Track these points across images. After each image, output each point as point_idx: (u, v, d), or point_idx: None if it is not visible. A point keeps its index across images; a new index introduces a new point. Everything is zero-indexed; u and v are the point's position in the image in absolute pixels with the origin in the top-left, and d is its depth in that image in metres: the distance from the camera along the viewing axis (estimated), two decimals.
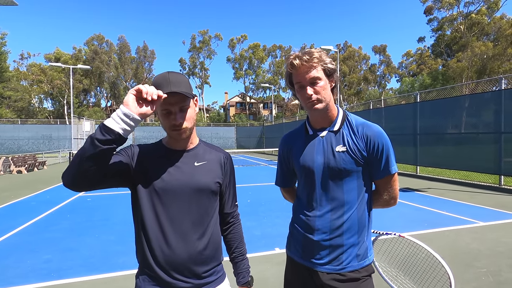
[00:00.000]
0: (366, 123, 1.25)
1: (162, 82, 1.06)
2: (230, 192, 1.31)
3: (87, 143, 0.92)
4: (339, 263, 1.21)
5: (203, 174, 1.18)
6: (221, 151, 1.31)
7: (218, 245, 1.22)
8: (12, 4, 10.62)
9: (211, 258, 1.18)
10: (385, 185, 1.27)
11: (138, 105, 0.96)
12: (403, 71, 51.06)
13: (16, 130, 29.20)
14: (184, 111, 1.11)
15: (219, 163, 1.25)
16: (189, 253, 1.11)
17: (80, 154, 0.93)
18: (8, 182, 10.85)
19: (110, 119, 0.94)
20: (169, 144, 1.21)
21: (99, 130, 0.92)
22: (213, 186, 1.19)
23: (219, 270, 1.22)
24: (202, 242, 1.14)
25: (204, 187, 1.17)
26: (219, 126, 39.54)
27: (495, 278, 3.07)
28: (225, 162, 1.27)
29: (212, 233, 1.19)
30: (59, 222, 5.45)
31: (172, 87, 1.05)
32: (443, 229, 4.78)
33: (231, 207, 1.32)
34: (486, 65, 30.81)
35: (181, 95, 1.06)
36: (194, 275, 1.13)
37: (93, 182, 0.98)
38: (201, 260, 1.14)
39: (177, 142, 1.19)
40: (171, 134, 1.15)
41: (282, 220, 5.29)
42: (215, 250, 1.20)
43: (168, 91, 1.03)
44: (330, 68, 1.20)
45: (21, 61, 46.77)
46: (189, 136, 1.19)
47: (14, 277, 3.25)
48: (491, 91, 9.37)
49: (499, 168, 8.41)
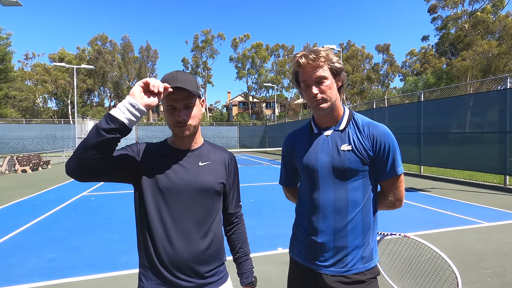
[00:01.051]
0: (372, 123, 1.23)
1: (170, 79, 1.08)
2: (234, 193, 1.31)
3: (92, 132, 0.93)
4: (344, 265, 1.19)
5: (207, 174, 1.18)
6: (226, 151, 1.30)
7: (221, 245, 1.22)
8: (16, 4, 10.71)
9: (214, 258, 1.17)
10: (391, 186, 1.25)
11: (145, 96, 0.98)
12: (406, 70, 50.77)
13: (21, 129, 29.46)
14: (188, 108, 1.12)
15: (223, 164, 1.25)
16: (191, 253, 1.11)
17: (84, 143, 0.93)
18: (13, 181, 10.94)
19: (116, 109, 0.95)
20: (174, 143, 1.21)
21: (104, 119, 0.93)
22: (217, 186, 1.19)
23: (222, 270, 1.22)
24: (205, 242, 1.14)
25: (208, 187, 1.16)
26: (221, 125, 39.60)
27: (500, 279, 3.04)
28: (229, 163, 1.27)
29: (215, 233, 1.18)
30: (63, 221, 5.49)
31: (178, 83, 1.07)
32: (447, 229, 4.74)
33: (235, 208, 1.32)
34: (491, 64, 30.51)
35: (186, 92, 1.08)
36: (197, 274, 1.13)
37: (95, 172, 0.98)
38: (203, 260, 1.14)
39: (182, 141, 1.19)
40: (174, 131, 1.15)
41: (285, 220, 5.28)
42: (218, 250, 1.19)
43: (174, 86, 1.05)
44: (337, 67, 1.19)
45: (26, 61, 47.22)
46: (193, 135, 1.19)
47: (19, 275, 3.28)
48: (496, 90, 9.29)
49: (504, 168, 8.34)
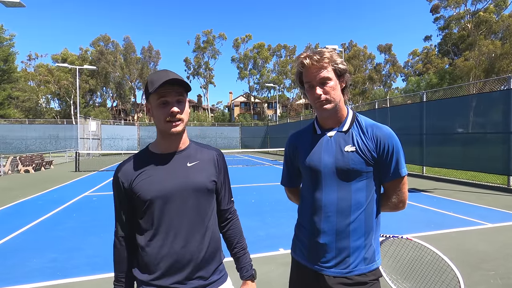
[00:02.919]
0: (376, 124, 1.23)
1: (162, 74, 1.08)
2: (226, 189, 1.30)
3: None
4: (346, 266, 1.18)
5: (197, 174, 1.17)
6: (213, 149, 1.30)
7: (218, 245, 1.22)
8: (20, 5, 10.77)
9: (213, 257, 1.18)
10: (394, 188, 1.25)
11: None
12: (409, 70, 50.61)
13: (24, 130, 29.65)
14: (181, 103, 1.12)
15: (212, 162, 1.24)
16: (191, 255, 1.11)
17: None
18: (15, 181, 11.00)
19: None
20: (159, 149, 1.18)
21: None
22: (209, 184, 1.19)
23: (222, 269, 1.23)
24: (204, 243, 1.14)
25: (201, 187, 1.16)
26: (223, 126, 39.62)
27: (503, 281, 3.01)
28: (218, 160, 1.26)
29: (212, 233, 1.19)
30: (66, 221, 5.51)
31: (174, 76, 1.08)
32: (450, 230, 4.71)
33: (228, 204, 1.32)
34: (494, 64, 30.35)
35: (179, 87, 1.09)
36: (199, 277, 1.13)
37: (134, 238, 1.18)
38: (203, 261, 1.14)
39: (169, 143, 1.17)
40: (165, 128, 1.11)
41: (287, 220, 5.27)
42: (216, 250, 1.20)
43: (168, 78, 1.05)
44: (341, 68, 1.18)
45: (29, 62, 47.60)
46: (182, 134, 1.18)
47: (20, 276, 3.29)
48: (499, 91, 9.21)
49: (508, 168, 8.28)
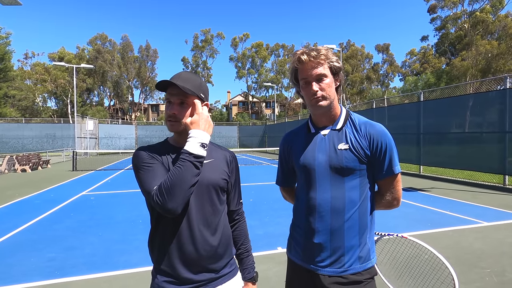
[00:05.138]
0: (369, 122, 1.24)
1: (173, 75, 1.16)
2: (236, 190, 1.33)
3: (189, 170, 1.03)
4: (341, 265, 1.19)
5: (211, 171, 1.20)
6: (227, 150, 1.33)
7: (229, 240, 1.25)
8: (16, 3, 10.69)
9: (224, 252, 1.20)
10: (388, 186, 1.25)
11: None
12: (406, 70, 50.72)
13: (20, 129, 29.42)
14: (183, 105, 1.15)
15: (225, 161, 1.27)
16: (204, 249, 1.14)
17: (186, 182, 1.03)
18: (12, 181, 10.94)
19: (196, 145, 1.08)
20: (176, 142, 1.23)
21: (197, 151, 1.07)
22: (221, 182, 1.21)
23: (233, 263, 1.26)
24: (216, 239, 1.17)
25: (214, 184, 1.19)
26: (221, 125, 39.56)
27: (499, 278, 3.05)
28: (231, 160, 1.29)
29: (223, 228, 1.22)
30: (63, 221, 5.49)
31: (174, 79, 1.13)
32: (447, 229, 4.75)
33: (237, 205, 1.34)
34: (491, 64, 30.51)
35: (180, 89, 1.12)
36: (211, 270, 1.16)
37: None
38: (216, 256, 1.17)
39: (180, 139, 1.21)
40: (167, 125, 1.19)
41: (285, 219, 5.29)
42: (228, 244, 1.23)
43: (169, 81, 1.12)
44: (336, 66, 1.20)
45: (25, 61, 47.17)
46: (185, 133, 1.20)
47: (18, 275, 3.28)
48: (495, 90, 9.30)
49: (504, 168, 8.36)
